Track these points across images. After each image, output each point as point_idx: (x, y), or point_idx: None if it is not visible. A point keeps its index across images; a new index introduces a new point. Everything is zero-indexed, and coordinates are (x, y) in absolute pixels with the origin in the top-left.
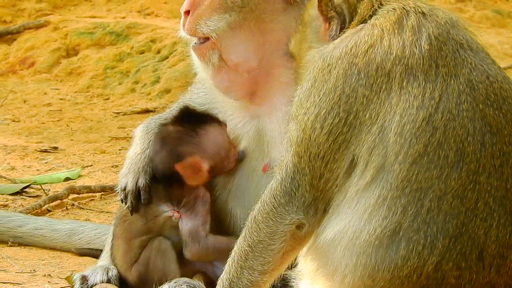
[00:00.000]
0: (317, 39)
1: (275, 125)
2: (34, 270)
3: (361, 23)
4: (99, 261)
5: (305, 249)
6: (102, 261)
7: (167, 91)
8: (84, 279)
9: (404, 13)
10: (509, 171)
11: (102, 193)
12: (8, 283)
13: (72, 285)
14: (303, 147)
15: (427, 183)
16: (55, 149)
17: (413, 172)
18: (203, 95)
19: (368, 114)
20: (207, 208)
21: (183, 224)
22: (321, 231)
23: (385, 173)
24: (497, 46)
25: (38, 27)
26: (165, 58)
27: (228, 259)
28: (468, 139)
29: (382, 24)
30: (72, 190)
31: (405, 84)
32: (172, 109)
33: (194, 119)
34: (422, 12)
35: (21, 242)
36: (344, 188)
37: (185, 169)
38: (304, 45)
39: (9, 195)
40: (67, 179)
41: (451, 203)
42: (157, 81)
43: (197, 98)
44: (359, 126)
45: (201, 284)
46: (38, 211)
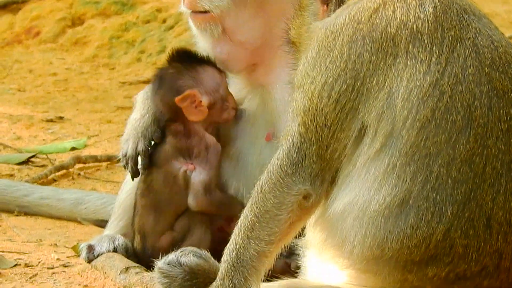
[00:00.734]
0: (316, 17)
1: (279, 95)
2: (40, 239)
3: None
4: (105, 230)
5: (313, 219)
6: (108, 230)
7: None
8: (90, 248)
9: None
10: None
11: (108, 162)
12: (14, 252)
13: (78, 255)
14: (310, 117)
15: (435, 149)
16: (61, 118)
17: (421, 137)
18: None
19: (375, 80)
20: (220, 159)
21: (196, 174)
22: (330, 203)
23: (393, 140)
24: (503, 15)
25: None
26: (170, 27)
27: (234, 229)
28: (475, 103)
29: None
30: (78, 159)
31: (411, 48)
32: None
33: (192, 58)
34: None
35: (27, 211)
36: (353, 158)
37: (185, 102)
38: (303, 28)
39: (15, 164)
40: (73, 148)
41: (459, 168)
42: (162, 50)
43: None
44: (366, 92)
45: (207, 253)
46: (44, 181)
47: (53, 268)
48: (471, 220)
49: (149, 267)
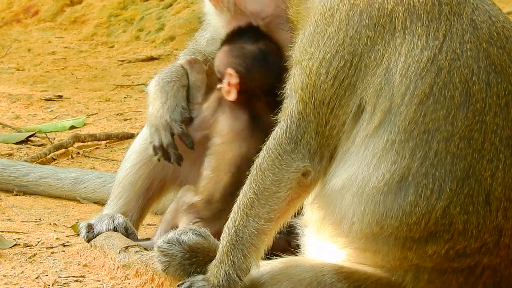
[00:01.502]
0: None
1: None
2: (39, 219)
3: None
4: (105, 209)
5: (311, 197)
6: (108, 209)
7: (172, 38)
8: (90, 227)
9: None
10: None
11: (107, 141)
12: (13, 232)
13: (77, 234)
14: (308, 94)
15: (434, 125)
16: (59, 97)
17: (420, 113)
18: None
19: (373, 55)
20: None
21: None
22: (328, 179)
23: (392, 116)
24: None
25: None
26: (169, 5)
27: (233, 207)
28: (473, 79)
29: None
30: (77, 138)
31: (408, 23)
32: (179, 58)
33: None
34: None
35: (26, 191)
36: (352, 134)
37: None
38: (301, 6)
39: (14, 144)
40: (72, 127)
41: (458, 144)
42: (161, 28)
43: (206, 46)
44: (364, 68)
45: (207, 231)
46: (43, 160)
47: (52, 247)
48: (471, 196)
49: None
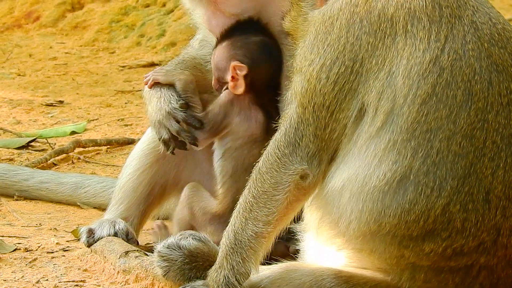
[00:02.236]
0: (313, 7)
1: None
2: (40, 224)
3: None
4: (106, 214)
5: (310, 199)
6: (108, 215)
7: (173, 44)
8: (90, 232)
9: None
10: None
11: (108, 146)
12: (14, 237)
13: (78, 239)
14: (308, 98)
15: (436, 124)
16: (60, 103)
17: (422, 113)
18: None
19: (374, 60)
20: None
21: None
22: (328, 181)
23: (394, 117)
24: None
25: None
26: (170, 11)
27: (233, 212)
28: (475, 78)
29: None
30: (78, 143)
31: (409, 27)
32: (174, 61)
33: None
34: None
35: (27, 196)
36: (353, 137)
37: None
38: (299, 19)
39: (15, 149)
40: (73, 132)
41: (460, 143)
42: (162, 34)
43: (198, 48)
44: (365, 73)
45: (206, 236)
46: (44, 165)
47: (52, 252)
48: (471, 194)
49: None
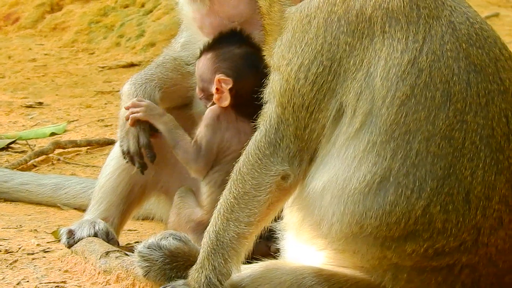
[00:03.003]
0: (290, 2)
1: None
2: (20, 225)
3: None
4: (86, 215)
5: (290, 200)
6: (88, 215)
7: (152, 44)
8: (70, 233)
9: None
10: (495, 109)
11: (88, 147)
12: None
13: (58, 240)
14: (287, 98)
15: (415, 125)
16: (40, 104)
17: (401, 114)
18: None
19: (352, 61)
20: None
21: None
22: (308, 182)
23: (373, 118)
24: None
25: None
26: (149, 11)
27: (214, 212)
28: (453, 79)
29: None
30: (57, 145)
31: (387, 28)
32: (154, 64)
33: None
34: None
35: (7, 197)
36: (332, 137)
37: None
38: (277, 15)
39: None
40: (53, 134)
41: (439, 144)
42: (141, 34)
43: (180, 50)
44: (343, 73)
45: (187, 236)
46: (24, 167)
47: (33, 253)
48: (451, 195)
49: None
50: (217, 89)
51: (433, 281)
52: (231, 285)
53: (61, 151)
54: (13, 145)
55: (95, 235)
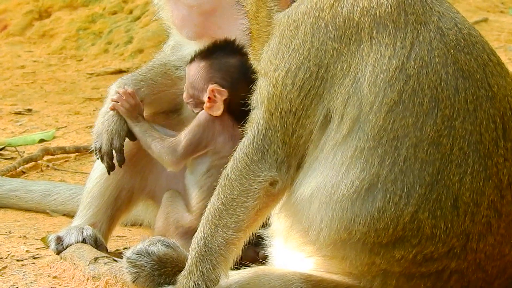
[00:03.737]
0: (278, 7)
1: None
2: (9, 231)
3: None
4: (74, 221)
5: (278, 206)
6: (76, 221)
7: (140, 51)
8: (59, 239)
9: None
10: (483, 115)
11: (76, 154)
12: None
13: (47, 246)
14: (274, 104)
15: (403, 131)
16: (29, 111)
17: (389, 120)
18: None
19: (339, 66)
20: None
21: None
22: (296, 188)
23: (361, 124)
24: None
25: None
26: (137, 18)
27: (202, 218)
28: (441, 85)
29: None
30: (46, 151)
31: (375, 34)
32: (144, 68)
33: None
34: None
35: None
36: (320, 143)
37: None
38: (263, 21)
39: None
40: (42, 140)
41: (427, 150)
42: (130, 41)
43: (170, 54)
44: (331, 79)
45: (175, 242)
46: (13, 173)
47: (22, 260)
48: (439, 201)
49: None
50: (209, 98)
51: (422, 287)
52: None
53: (50, 157)
54: (2, 152)
55: (84, 241)
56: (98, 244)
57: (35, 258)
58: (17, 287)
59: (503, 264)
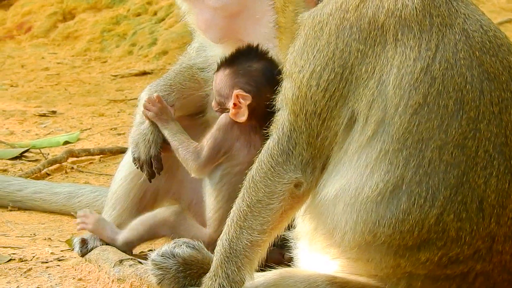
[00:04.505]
0: (304, 4)
1: None
2: (34, 234)
3: None
4: None
5: (303, 208)
6: None
7: (164, 52)
8: (84, 242)
9: None
10: (508, 117)
11: (101, 156)
12: (8, 247)
13: (72, 248)
14: (299, 105)
15: (428, 134)
16: (53, 113)
17: (414, 123)
18: (203, 56)
19: (364, 68)
20: None
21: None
22: (320, 190)
23: (385, 126)
24: (493, 0)
25: None
26: (161, 19)
27: (227, 220)
28: (467, 87)
29: None
30: (71, 153)
31: (400, 36)
32: (172, 72)
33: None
34: None
35: (20, 206)
36: (344, 145)
37: None
38: (289, 14)
39: (9, 159)
40: (66, 142)
41: (452, 152)
42: (154, 43)
43: (195, 57)
44: (355, 81)
45: (200, 244)
46: (37, 175)
47: (47, 262)
48: (464, 203)
49: None
50: (235, 104)
51: None
52: None
53: (75, 159)
54: (26, 154)
55: (108, 244)
56: None
57: (60, 260)
58: None
59: None
